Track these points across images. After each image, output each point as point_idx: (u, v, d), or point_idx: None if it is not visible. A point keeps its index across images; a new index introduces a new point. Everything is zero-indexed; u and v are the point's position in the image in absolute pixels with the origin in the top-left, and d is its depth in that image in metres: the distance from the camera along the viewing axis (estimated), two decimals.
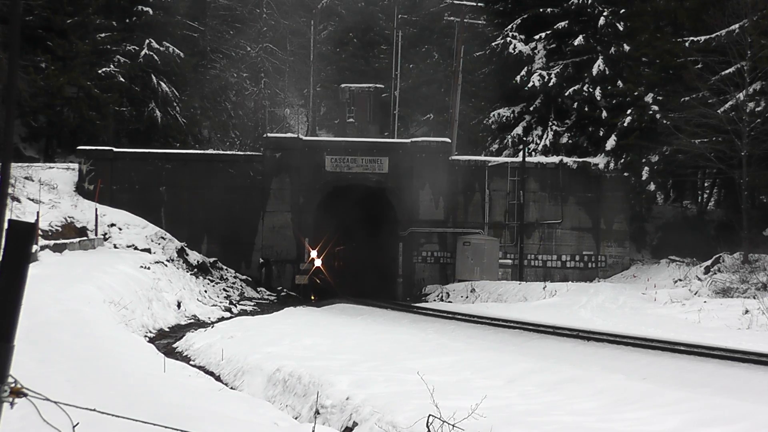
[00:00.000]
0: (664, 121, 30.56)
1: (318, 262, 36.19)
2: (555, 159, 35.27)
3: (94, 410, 3.52)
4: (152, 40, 40.68)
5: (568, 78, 37.54)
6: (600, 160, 34.39)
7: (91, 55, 38.64)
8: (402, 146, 35.81)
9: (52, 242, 25.21)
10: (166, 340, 18.64)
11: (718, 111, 27.94)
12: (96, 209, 30.07)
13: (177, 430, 3.81)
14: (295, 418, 10.46)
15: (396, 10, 52.83)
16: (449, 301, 30.82)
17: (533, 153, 36.96)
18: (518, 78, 38.22)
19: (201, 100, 47.19)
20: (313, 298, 34.42)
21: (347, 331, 18.98)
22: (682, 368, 13.04)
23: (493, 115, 40.24)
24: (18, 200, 27.03)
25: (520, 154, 35.48)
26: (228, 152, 40.09)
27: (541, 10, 38.75)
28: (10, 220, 2.75)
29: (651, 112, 31.65)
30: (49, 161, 37.16)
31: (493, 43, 40.81)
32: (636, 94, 32.80)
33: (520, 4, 40.21)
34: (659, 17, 35.21)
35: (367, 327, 20.76)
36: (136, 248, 29.55)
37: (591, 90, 36.13)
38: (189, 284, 27.96)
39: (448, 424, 7.77)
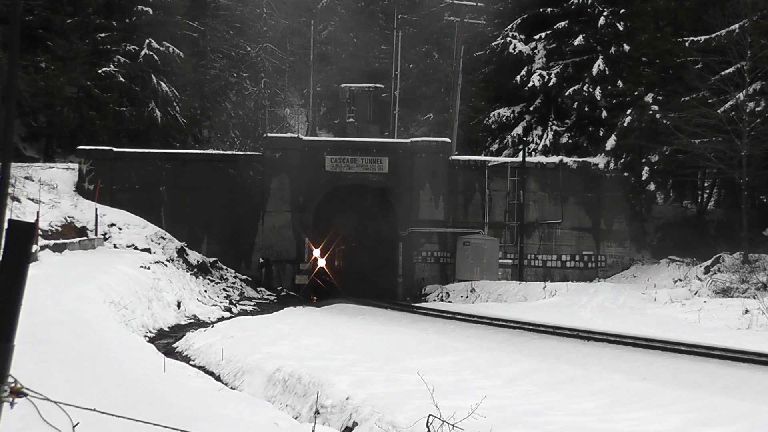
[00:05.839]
0: (664, 121, 30.56)
1: (321, 262, 36.16)
2: (555, 159, 35.27)
3: (94, 410, 3.52)
4: (152, 40, 40.65)
5: (568, 78, 37.58)
6: (600, 160, 34.39)
7: (91, 55, 38.61)
8: (402, 146, 35.80)
9: (52, 242, 25.21)
10: (166, 340, 18.64)
11: (718, 111, 27.93)
12: (96, 209, 30.06)
13: (177, 430, 3.81)
14: (295, 418, 10.46)
15: (396, 10, 52.80)
16: (449, 301, 30.81)
17: (533, 153, 36.98)
18: (518, 78, 38.27)
19: (201, 100, 47.17)
20: (314, 298, 34.42)
21: (347, 331, 18.98)
22: (682, 368, 13.04)
23: (493, 115, 40.25)
24: (18, 200, 27.03)
25: (520, 154, 35.48)
26: (228, 152, 40.06)
27: (541, 10, 38.80)
28: (10, 220, 2.75)
29: (651, 112, 31.65)
30: (49, 161, 37.14)
31: (493, 43, 40.84)
32: (636, 94, 32.81)
33: (520, 4, 40.23)
34: (659, 17, 35.20)
35: (367, 327, 20.75)
36: (136, 248, 29.55)
37: (591, 90, 36.16)
38: (189, 284, 27.95)
39: (448, 424, 7.77)
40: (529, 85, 37.81)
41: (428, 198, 34.70)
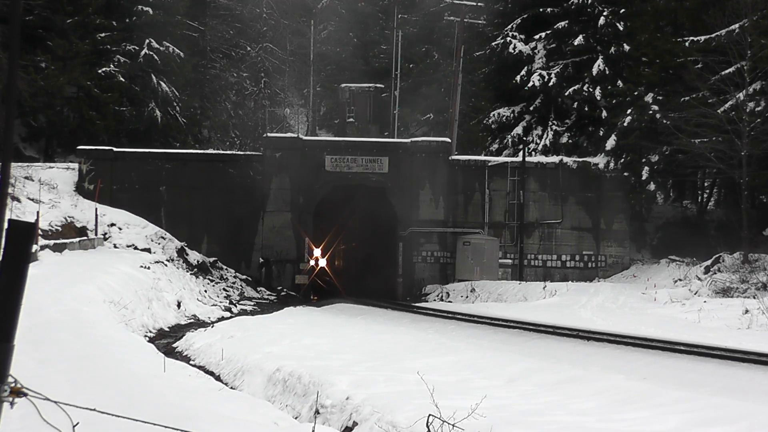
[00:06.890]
0: (664, 121, 30.56)
1: (323, 262, 36.17)
2: (555, 159, 35.27)
3: (94, 410, 3.52)
4: (152, 40, 40.66)
5: (568, 78, 37.58)
6: (600, 160, 34.39)
7: (91, 55, 38.63)
8: (402, 146, 35.81)
9: (52, 242, 25.21)
10: (166, 340, 18.63)
11: (718, 111, 27.92)
12: (96, 209, 30.07)
13: (177, 430, 3.81)
14: (295, 418, 10.46)
15: (396, 10, 52.80)
16: (449, 301, 30.81)
17: (533, 153, 36.98)
18: (518, 78, 38.28)
19: (201, 100, 47.19)
20: (314, 298, 34.45)
21: (347, 331, 18.99)
22: (682, 368, 13.04)
23: (493, 115, 40.26)
24: (18, 200, 27.03)
25: (520, 154, 35.48)
26: (228, 152, 40.09)
27: (541, 10, 38.81)
28: (10, 220, 2.75)
29: (651, 112, 31.65)
30: (49, 161, 37.15)
31: (493, 43, 40.85)
32: (636, 94, 32.80)
33: (520, 4, 40.25)
34: (659, 17, 35.20)
35: (367, 327, 20.76)
36: (136, 248, 29.55)
37: (591, 90, 36.17)
38: (189, 284, 27.96)
39: (448, 423, 7.77)
40: (529, 85, 37.82)
41: (428, 198, 34.70)
